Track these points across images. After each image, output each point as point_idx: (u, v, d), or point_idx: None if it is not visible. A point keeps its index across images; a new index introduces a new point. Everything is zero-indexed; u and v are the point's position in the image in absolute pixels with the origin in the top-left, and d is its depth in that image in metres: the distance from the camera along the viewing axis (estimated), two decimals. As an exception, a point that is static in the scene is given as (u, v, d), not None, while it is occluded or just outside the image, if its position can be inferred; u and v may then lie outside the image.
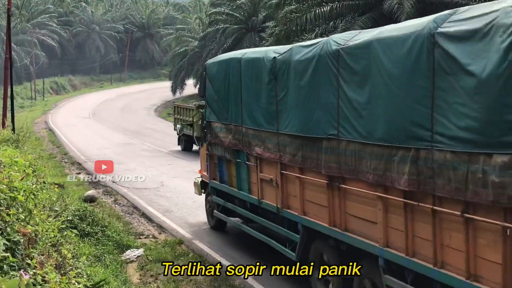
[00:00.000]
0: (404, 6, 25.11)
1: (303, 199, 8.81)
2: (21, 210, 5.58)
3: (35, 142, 29.13)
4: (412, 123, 6.20)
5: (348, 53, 7.37)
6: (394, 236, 6.72)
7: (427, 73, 5.98)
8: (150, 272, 10.40)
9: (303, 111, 8.49)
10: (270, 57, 9.43)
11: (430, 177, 5.93)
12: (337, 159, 7.60)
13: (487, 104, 5.24)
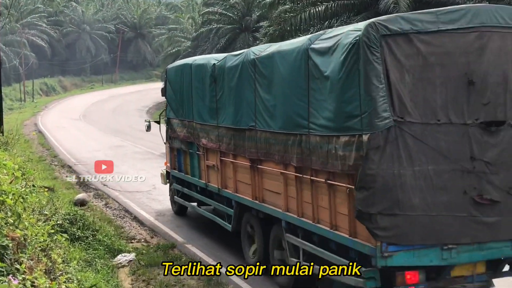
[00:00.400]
0: (400, 5, 25.18)
1: (236, 180, 10.90)
2: (9, 214, 5.56)
3: (24, 145, 29.03)
4: (297, 115, 8.35)
5: (261, 61, 9.51)
6: (291, 202, 8.83)
7: (304, 78, 8.09)
8: (142, 277, 10.38)
9: (233, 108, 10.60)
10: (211, 63, 11.57)
11: (308, 155, 8.05)
12: (255, 145, 9.73)
13: (335, 100, 7.36)
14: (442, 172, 6.89)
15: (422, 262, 6.93)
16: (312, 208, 8.21)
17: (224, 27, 53.30)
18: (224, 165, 11.40)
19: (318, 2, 28.87)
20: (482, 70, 7.06)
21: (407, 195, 6.74)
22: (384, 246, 6.72)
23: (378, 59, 6.73)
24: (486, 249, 7.11)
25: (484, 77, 7.06)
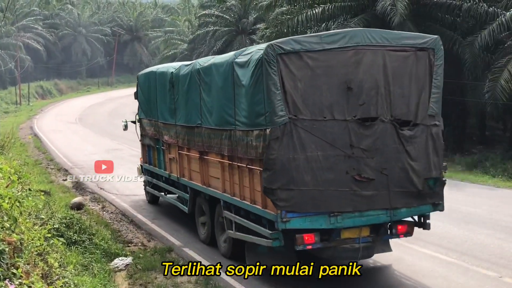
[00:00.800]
0: (398, 7, 25.21)
1: (190, 169, 13.09)
2: (6, 218, 5.56)
3: (20, 148, 29.03)
4: (227, 114, 10.44)
5: (203, 71, 11.58)
6: (226, 185, 10.92)
7: (231, 85, 10.13)
8: (139, 281, 10.36)
9: (186, 109, 12.73)
10: (170, 71, 13.71)
11: (235, 146, 10.16)
12: (201, 140, 11.88)
13: (248, 103, 9.49)
14: (328, 156, 8.93)
15: (314, 226, 9.01)
16: (239, 188, 10.37)
17: (220, 29, 53.32)
18: (181, 158, 13.57)
19: (315, 4, 28.91)
20: (358, 79, 9.11)
21: (300, 174, 8.78)
22: (283, 214, 8.76)
23: (275, 72, 8.76)
24: (366, 216, 9.18)
25: (360, 84, 9.11)
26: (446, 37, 26.76)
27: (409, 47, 9.57)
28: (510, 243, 12.10)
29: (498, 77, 23.27)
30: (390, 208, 9.23)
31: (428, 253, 11.51)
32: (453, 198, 17.42)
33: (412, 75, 9.55)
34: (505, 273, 10.14)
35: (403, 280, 10.22)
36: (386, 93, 9.28)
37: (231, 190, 10.69)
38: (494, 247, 11.81)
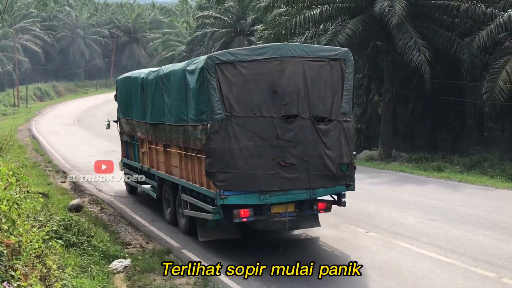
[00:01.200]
0: (395, 8, 25.23)
1: (157, 160, 15.17)
2: (4, 220, 5.56)
3: (19, 150, 29.01)
4: (181, 113, 12.47)
5: (165, 77, 13.65)
6: (183, 172, 12.96)
7: (184, 89, 12.11)
8: (138, 283, 10.36)
9: (153, 108, 14.71)
10: (141, 76, 15.85)
11: (188, 139, 12.16)
12: (164, 135, 13.91)
13: (195, 103, 11.51)
14: (258, 146, 10.93)
15: (247, 202, 11.04)
16: (191, 174, 12.42)
17: (219, 30, 53.33)
18: (150, 151, 15.73)
19: (313, 5, 28.91)
20: (283, 84, 11.10)
21: (235, 160, 10.79)
22: (221, 192, 10.85)
23: (214, 78, 10.79)
24: (289, 194, 11.19)
25: (284, 88, 11.11)
26: (444, 38, 26.84)
27: (324, 58, 11.64)
28: (508, 244, 12.11)
29: (496, 78, 23.30)
30: (309, 188, 11.27)
31: (426, 254, 11.52)
32: (451, 198, 17.47)
33: (327, 80, 11.55)
34: (504, 273, 10.15)
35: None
36: (306, 95, 11.31)
37: (186, 176, 12.80)
38: (492, 248, 11.82)
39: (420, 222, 14.20)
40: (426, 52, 25.47)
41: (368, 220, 14.66)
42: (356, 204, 16.75)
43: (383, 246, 12.22)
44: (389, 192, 19.20)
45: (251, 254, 11.70)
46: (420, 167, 25.25)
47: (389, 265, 10.85)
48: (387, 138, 29.51)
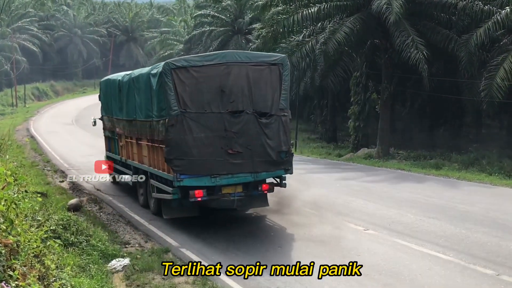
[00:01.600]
0: (393, 6, 25.24)
1: (132, 152, 16.99)
2: (2, 220, 5.54)
3: (17, 150, 28.93)
4: (148, 110, 14.26)
5: (135, 79, 15.57)
6: (151, 161, 14.83)
7: (149, 90, 13.91)
8: (136, 282, 10.34)
9: (127, 107, 16.56)
10: (118, 79, 17.72)
11: (153, 132, 14.03)
12: (136, 129, 15.85)
13: (156, 101, 13.41)
14: (209, 137, 12.81)
15: (200, 184, 12.90)
16: (156, 162, 14.30)
17: (216, 29, 53.32)
18: (127, 144, 17.53)
19: (310, 4, 28.92)
20: (229, 85, 13.01)
21: (189, 149, 12.69)
22: (178, 175, 12.73)
23: (170, 81, 12.70)
24: (237, 177, 13.07)
25: (230, 88, 13.02)
26: (442, 35, 26.86)
27: (265, 63, 13.65)
28: (507, 241, 12.12)
29: (494, 75, 23.33)
30: (254, 172, 13.17)
31: (425, 251, 11.52)
32: (449, 196, 17.48)
33: (267, 82, 13.51)
34: (503, 271, 10.15)
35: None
36: (249, 94, 13.19)
37: (153, 164, 14.67)
38: (491, 245, 11.83)
39: (419, 220, 14.21)
40: (424, 50, 25.50)
41: (367, 218, 14.65)
42: (355, 202, 16.79)
43: (381, 244, 12.22)
44: (387, 189, 19.21)
45: (251, 253, 11.71)
46: (418, 165, 25.27)
47: (387, 263, 10.84)
48: (385, 136, 29.53)
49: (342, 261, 10.97)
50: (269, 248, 12.13)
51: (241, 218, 15.28)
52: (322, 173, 24.47)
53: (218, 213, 15.35)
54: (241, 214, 15.62)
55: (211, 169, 12.83)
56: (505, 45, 24.68)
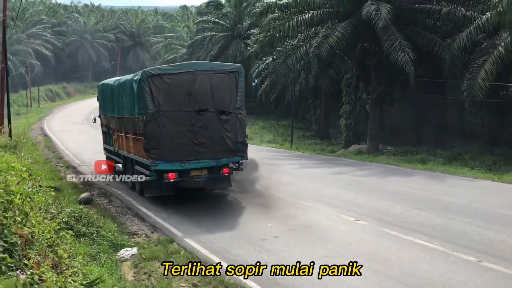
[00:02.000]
0: (381, 12, 25.24)
1: (122, 144, 18.56)
2: (17, 213, 5.53)
3: (31, 148, 28.89)
4: (132, 109, 15.95)
5: (122, 84, 17.44)
6: (135, 150, 16.52)
7: (132, 92, 15.61)
8: (143, 270, 10.34)
9: (118, 106, 18.33)
10: (111, 83, 19.72)
11: (135, 127, 15.78)
12: (125, 125, 17.46)
13: (137, 102, 15.26)
14: (179, 131, 14.74)
15: (172, 168, 14.89)
16: (139, 151, 16.01)
17: (217, 34, 53.26)
18: (118, 137, 19.11)
19: (305, 10, 28.90)
20: (195, 89, 14.94)
21: (163, 140, 14.69)
22: (154, 161, 14.67)
23: (147, 85, 14.64)
24: (202, 162, 15.07)
25: (196, 91, 14.95)
26: (427, 39, 26.86)
27: (224, 71, 15.66)
28: (488, 230, 12.13)
29: (475, 76, 23.34)
30: (215, 158, 15.23)
31: (413, 240, 11.52)
32: (434, 189, 17.49)
33: (226, 86, 15.51)
34: (484, 258, 10.16)
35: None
36: (211, 96, 15.15)
37: (136, 152, 16.50)
38: (473, 234, 11.83)
39: (406, 211, 14.21)
40: (410, 53, 25.51)
41: (358, 209, 14.65)
42: (347, 195, 16.79)
43: (371, 233, 12.22)
44: (377, 183, 19.22)
45: (250, 242, 11.71)
46: (406, 160, 25.29)
47: (377, 251, 10.85)
48: (374, 133, 29.54)
49: (335, 249, 11.00)
50: (268, 237, 12.12)
51: (240, 210, 15.27)
52: (316, 168, 24.46)
53: (221, 205, 15.35)
54: (240, 206, 15.63)
55: (181, 156, 14.86)
56: (486, 48, 24.67)
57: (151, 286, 9.41)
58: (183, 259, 10.78)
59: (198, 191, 16.60)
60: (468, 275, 9.30)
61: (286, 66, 30.83)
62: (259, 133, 41.22)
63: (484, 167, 22.19)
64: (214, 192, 17.39)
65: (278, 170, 23.01)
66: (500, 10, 21.26)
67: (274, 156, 28.71)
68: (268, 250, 11.07)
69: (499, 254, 10.37)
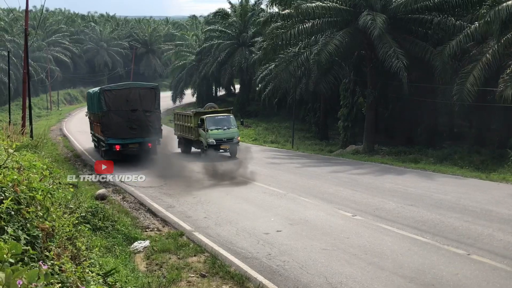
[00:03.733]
0: (377, 22, 25.23)
1: (95, 129, 27.60)
2: (39, 208, 5.55)
3: (51, 147, 29.00)
4: (97, 108, 25.73)
5: (94, 94, 26.98)
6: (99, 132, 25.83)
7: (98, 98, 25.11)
8: (155, 261, 10.36)
9: (92, 106, 27.92)
10: (91, 92, 28.94)
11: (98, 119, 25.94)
12: (94, 117, 27.39)
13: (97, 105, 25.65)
14: (121, 121, 24.00)
15: (118, 142, 24.18)
16: (101, 132, 24.75)
17: (223, 42, 53.26)
18: (93, 125, 27.97)
19: (305, 20, 28.87)
20: (130, 97, 24.16)
21: (111, 126, 24.09)
22: (107, 138, 24.23)
23: (102, 95, 24.30)
24: (135, 140, 24.35)
25: (131, 99, 24.17)
26: (419, 47, 26.82)
27: (148, 88, 25.14)
28: (476, 225, 12.11)
29: (464, 81, 23.29)
30: (142, 137, 24.06)
31: (405, 234, 11.52)
32: (426, 186, 17.46)
33: (149, 96, 24.44)
34: (472, 251, 10.15)
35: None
36: (140, 102, 24.03)
37: (99, 133, 25.13)
38: (462, 229, 11.82)
39: (400, 207, 14.20)
40: (404, 60, 25.48)
41: (354, 205, 14.65)
42: (344, 192, 16.77)
43: (367, 228, 12.22)
44: (372, 181, 19.20)
45: (254, 235, 11.71)
46: (399, 159, 25.25)
47: (372, 244, 10.85)
48: (370, 134, 29.51)
49: (333, 242, 11.00)
50: (270, 231, 12.13)
51: (244, 206, 15.28)
52: (315, 166, 24.46)
53: (226, 202, 15.32)
54: (243, 202, 15.65)
55: (122, 135, 24.22)
56: (475, 55, 24.62)
57: (162, 276, 9.44)
58: (192, 251, 10.80)
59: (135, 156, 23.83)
60: (457, 267, 9.29)
61: (288, 72, 30.85)
62: (263, 134, 41.18)
63: (472, 166, 22.14)
64: (220, 189, 17.39)
65: (280, 168, 23.01)
66: (488, 20, 21.22)
67: (276, 156, 28.71)
68: (271, 243, 11.08)
69: (487, 247, 10.36)
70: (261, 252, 10.47)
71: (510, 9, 20.51)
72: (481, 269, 9.19)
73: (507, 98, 20.19)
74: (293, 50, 31.18)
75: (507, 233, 11.34)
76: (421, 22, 27.23)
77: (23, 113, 25.46)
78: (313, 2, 27.56)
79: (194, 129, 27.37)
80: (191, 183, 18.75)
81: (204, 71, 54.68)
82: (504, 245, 10.53)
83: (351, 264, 9.65)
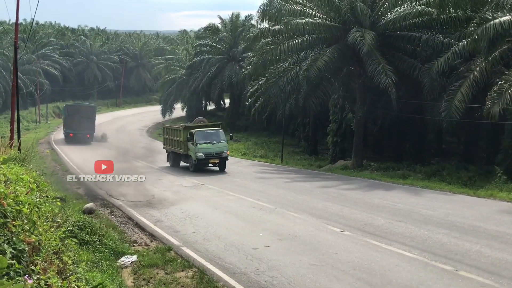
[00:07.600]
0: (366, 38, 25.43)
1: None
2: (26, 222, 5.49)
3: (39, 161, 28.78)
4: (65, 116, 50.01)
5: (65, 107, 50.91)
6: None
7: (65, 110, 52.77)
8: (143, 276, 10.29)
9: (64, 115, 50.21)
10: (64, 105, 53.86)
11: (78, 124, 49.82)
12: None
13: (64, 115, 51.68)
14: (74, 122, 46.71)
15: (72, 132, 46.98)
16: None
17: (214, 57, 53.41)
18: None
19: (295, 36, 29.03)
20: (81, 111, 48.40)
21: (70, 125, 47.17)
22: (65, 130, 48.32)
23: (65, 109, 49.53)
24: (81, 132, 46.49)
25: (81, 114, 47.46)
26: (408, 64, 27.06)
27: (90, 107, 51.23)
28: (464, 241, 12.15)
29: (452, 98, 23.48)
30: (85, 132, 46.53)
31: (393, 250, 11.53)
32: (414, 202, 17.52)
33: (90, 111, 48.75)
34: (460, 267, 10.17)
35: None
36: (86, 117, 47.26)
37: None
38: (450, 245, 11.85)
39: (388, 223, 14.22)
40: (392, 76, 25.66)
41: (343, 220, 14.65)
42: (333, 207, 16.78)
43: (356, 243, 12.21)
44: (361, 196, 19.23)
45: (243, 251, 11.66)
46: (388, 175, 25.33)
47: (361, 260, 10.84)
48: (359, 150, 29.60)
49: (322, 258, 10.99)
50: (259, 246, 12.09)
51: (233, 221, 15.24)
52: (304, 181, 24.48)
53: (215, 216, 15.25)
54: (233, 217, 15.60)
55: (74, 129, 44.99)
56: (462, 72, 24.86)
57: (149, 291, 9.36)
58: (180, 266, 10.74)
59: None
60: (445, 283, 9.30)
61: (277, 87, 30.95)
62: (252, 149, 41.19)
63: (460, 183, 22.26)
64: (210, 205, 17.34)
65: (269, 183, 23.00)
66: (475, 38, 21.45)
67: (265, 170, 28.71)
68: (259, 259, 11.05)
69: (474, 264, 10.39)
70: (249, 268, 10.43)
71: (498, 27, 20.77)
72: (469, 285, 9.20)
73: (494, 115, 20.36)
74: (283, 66, 31.31)
75: (495, 249, 11.38)
76: (410, 39, 27.48)
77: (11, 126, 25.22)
78: (303, 18, 27.74)
79: (183, 143, 27.33)
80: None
81: (194, 86, 54.75)
82: (492, 261, 10.56)
83: (340, 279, 9.63)
